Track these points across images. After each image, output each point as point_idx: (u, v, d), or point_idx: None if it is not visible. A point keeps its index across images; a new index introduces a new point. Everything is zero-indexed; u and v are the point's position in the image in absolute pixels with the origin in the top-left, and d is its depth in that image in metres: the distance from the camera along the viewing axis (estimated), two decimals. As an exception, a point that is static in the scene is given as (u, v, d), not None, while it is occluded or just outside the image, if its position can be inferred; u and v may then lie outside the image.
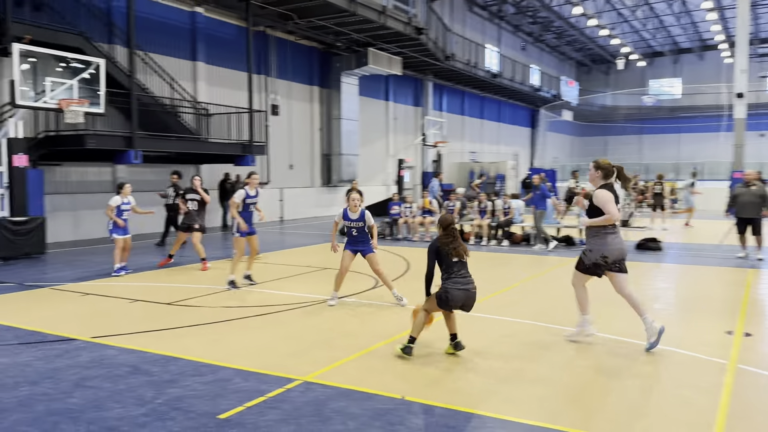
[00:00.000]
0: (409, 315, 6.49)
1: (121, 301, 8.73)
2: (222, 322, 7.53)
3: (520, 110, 46.77)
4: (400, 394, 5.02)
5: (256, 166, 20.62)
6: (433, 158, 33.59)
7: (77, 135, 14.67)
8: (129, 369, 5.70)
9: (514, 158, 39.44)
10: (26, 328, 7.21)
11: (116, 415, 4.63)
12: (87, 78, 13.38)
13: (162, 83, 18.56)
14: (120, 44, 17.71)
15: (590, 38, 48.83)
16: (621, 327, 7.08)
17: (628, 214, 16.33)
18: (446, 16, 33.69)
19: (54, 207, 15.99)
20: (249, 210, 9.83)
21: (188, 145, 17.70)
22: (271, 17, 21.51)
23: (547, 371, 5.65)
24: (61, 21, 15.92)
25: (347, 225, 8.43)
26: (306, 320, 7.63)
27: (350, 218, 8.38)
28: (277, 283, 10.23)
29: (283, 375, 5.49)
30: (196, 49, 20.20)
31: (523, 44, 45.55)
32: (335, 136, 26.27)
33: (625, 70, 53.78)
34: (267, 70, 23.21)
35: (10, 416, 4.60)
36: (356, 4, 20.95)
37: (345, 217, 8.42)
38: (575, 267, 6.60)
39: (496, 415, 4.63)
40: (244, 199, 9.65)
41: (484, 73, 35.60)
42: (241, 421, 4.50)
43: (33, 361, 5.93)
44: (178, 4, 19.74)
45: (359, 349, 6.31)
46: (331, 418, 4.54)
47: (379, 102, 30.24)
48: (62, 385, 5.28)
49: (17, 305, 8.53)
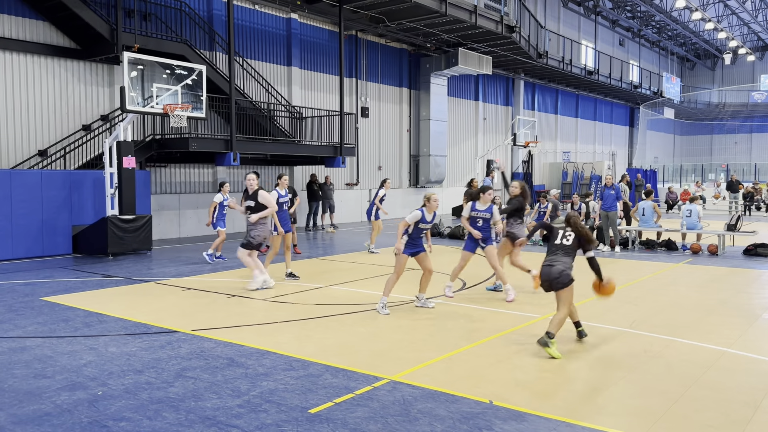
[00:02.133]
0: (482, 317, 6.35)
1: (219, 296, 9.12)
2: (312, 318, 7.71)
3: (618, 108, 44.93)
4: (488, 398, 4.94)
5: (346, 167, 20.98)
6: (523, 158, 32.90)
7: (181, 138, 15.50)
8: (226, 361, 5.94)
9: (611, 158, 37.97)
10: (133, 320, 7.68)
11: (213, 405, 4.84)
12: (190, 84, 14.06)
13: (259, 88, 19.30)
14: (220, 51, 18.56)
15: (694, 32, 46.21)
16: (727, 340, 6.64)
17: (735, 217, 15.30)
18: (539, 12, 32.93)
19: (160, 206, 17.00)
20: (283, 209, 10.55)
21: (283, 147, 18.28)
22: (362, 21, 21.82)
23: (646, 382, 5.38)
24: (166, 30, 16.90)
25: (422, 227, 8.17)
26: (392, 320, 7.67)
27: (426, 220, 8.13)
28: (364, 282, 10.36)
29: (371, 373, 5.54)
30: (291, 54, 20.81)
31: (621, 40, 43.74)
32: (423, 137, 26.28)
33: (732, 65, 50.53)
34: (358, 73, 23.57)
35: (116, 402, 4.91)
36: (447, 5, 20.87)
37: (423, 220, 8.09)
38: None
39: (589, 425, 4.45)
40: (278, 199, 10.40)
41: (580, 70, 34.48)
42: (330, 417, 4.58)
43: (138, 351, 6.30)
44: (274, 12, 20.43)
45: (446, 351, 6.26)
46: (418, 419, 4.53)
47: (468, 102, 29.97)
48: (164, 374, 5.58)
49: (125, 298, 9.11)
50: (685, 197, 28.54)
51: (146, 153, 15.64)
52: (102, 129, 15.82)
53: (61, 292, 9.43)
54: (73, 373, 5.60)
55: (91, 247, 13.55)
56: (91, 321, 7.59)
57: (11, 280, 10.45)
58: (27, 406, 4.82)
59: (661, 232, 15.15)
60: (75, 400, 4.93)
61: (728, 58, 48.64)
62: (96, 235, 13.39)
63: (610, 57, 38.46)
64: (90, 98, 15.98)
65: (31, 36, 14.77)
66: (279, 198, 10.49)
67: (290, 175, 21.18)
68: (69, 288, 9.76)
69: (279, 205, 10.36)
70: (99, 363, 5.89)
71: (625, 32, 44.12)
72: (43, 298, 8.93)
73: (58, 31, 15.26)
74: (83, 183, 14.00)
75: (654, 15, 41.83)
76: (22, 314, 7.94)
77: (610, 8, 40.21)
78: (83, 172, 14.22)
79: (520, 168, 32.82)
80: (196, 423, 4.48)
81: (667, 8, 40.40)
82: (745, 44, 47.79)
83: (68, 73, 15.52)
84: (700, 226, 14.54)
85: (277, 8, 20.36)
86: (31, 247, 13.17)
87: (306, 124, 19.76)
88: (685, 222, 14.70)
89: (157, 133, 16.19)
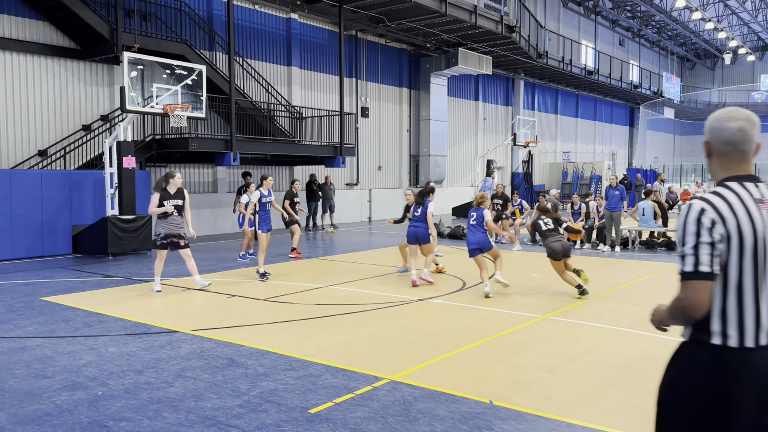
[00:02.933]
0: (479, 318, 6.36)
1: (219, 297, 9.12)
2: (312, 318, 7.71)
3: (617, 108, 44.95)
4: (488, 398, 4.94)
5: (346, 167, 20.99)
6: (523, 158, 32.90)
7: (181, 138, 15.51)
8: (226, 361, 5.94)
9: (611, 158, 37.97)
10: (133, 320, 7.68)
11: (213, 405, 4.84)
12: (190, 84, 14.06)
13: (258, 88, 19.30)
14: (220, 51, 18.56)
15: (694, 32, 46.21)
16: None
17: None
18: (539, 12, 32.94)
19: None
20: (266, 209, 10.91)
21: (283, 147, 18.28)
22: (362, 21, 21.83)
23: (646, 382, 5.38)
24: (166, 30, 16.90)
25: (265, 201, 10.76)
26: (391, 320, 7.67)
27: (265, 195, 10.76)
28: (363, 282, 10.36)
29: (371, 373, 5.54)
30: (291, 54, 20.82)
31: (621, 39, 43.74)
32: (423, 137, 26.29)
33: (732, 64, 50.55)
34: (358, 73, 23.57)
35: (116, 402, 4.91)
36: (447, 5, 20.88)
37: (263, 196, 10.80)
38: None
39: (590, 425, 4.45)
40: (260, 198, 10.80)
41: (580, 70, 34.49)
42: (330, 417, 4.58)
43: (138, 351, 6.30)
44: (274, 12, 20.44)
45: (445, 351, 6.26)
46: (418, 419, 4.53)
47: (468, 102, 29.98)
48: (164, 374, 5.58)
49: (125, 298, 9.11)
50: (685, 197, 28.53)
51: (146, 153, 15.64)
52: (102, 129, 15.82)
53: (61, 292, 9.43)
54: (73, 373, 5.61)
55: (91, 247, 13.55)
56: (91, 321, 7.59)
57: (11, 280, 10.46)
58: (27, 406, 4.82)
59: (662, 232, 15.14)
60: (75, 400, 4.93)
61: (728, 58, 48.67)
62: (96, 235, 13.39)
63: (610, 57, 38.48)
64: (90, 98, 15.98)
65: (31, 36, 14.77)
66: (261, 198, 10.81)
67: (290, 176, 21.20)
68: (69, 288, 9.76)
69: (262, 205, 10.81)
70: (99, 363, 5.89)
71: (625, 32, 44.14)
72: (43, 298, 8.93)
73: (58, 31, 15.26)
74: (83, 183, 14.00)
75: (654, 15, 41.85)
76: (22, 314, 7.94)
77: (610, 8, 40.21)
78: (83, 172, 14.23)
79: (520, 168, 32.82)
80: (196, 423, 4.48)
81: (667, 8, 40.41)
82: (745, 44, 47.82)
83: (68, 73, 15.52)
84: None
85: (276, 8, 20.37)
86: (31, 247, 13.17)
87: (306, 124, 19.77)
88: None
89: (157, 133, 16.19)
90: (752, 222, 2.25)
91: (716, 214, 2.25)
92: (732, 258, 2.25)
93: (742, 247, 2.24)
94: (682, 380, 2.32)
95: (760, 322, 2.25)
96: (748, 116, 2.37)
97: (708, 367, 2.26)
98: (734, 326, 2.25)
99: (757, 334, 2.25)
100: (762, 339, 2.25)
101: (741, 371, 2.22)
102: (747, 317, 2.25)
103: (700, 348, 2.31)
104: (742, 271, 2.25)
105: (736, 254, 2.25)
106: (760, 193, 2.32)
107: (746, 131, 2.34)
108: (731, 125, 2.35)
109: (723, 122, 2.37)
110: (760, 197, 2.31)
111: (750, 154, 2.37)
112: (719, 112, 2.42)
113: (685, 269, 2.28)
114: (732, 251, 2.25)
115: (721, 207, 2.26)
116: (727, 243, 2.24)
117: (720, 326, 2.26)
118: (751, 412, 2.20)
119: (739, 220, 2.25)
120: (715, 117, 2.42)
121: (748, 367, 2.22)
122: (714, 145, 2.41)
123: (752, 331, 2.25)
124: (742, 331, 2.24)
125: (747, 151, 2.36)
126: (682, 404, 2.30)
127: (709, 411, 2.23)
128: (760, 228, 2.25)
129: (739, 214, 2.26)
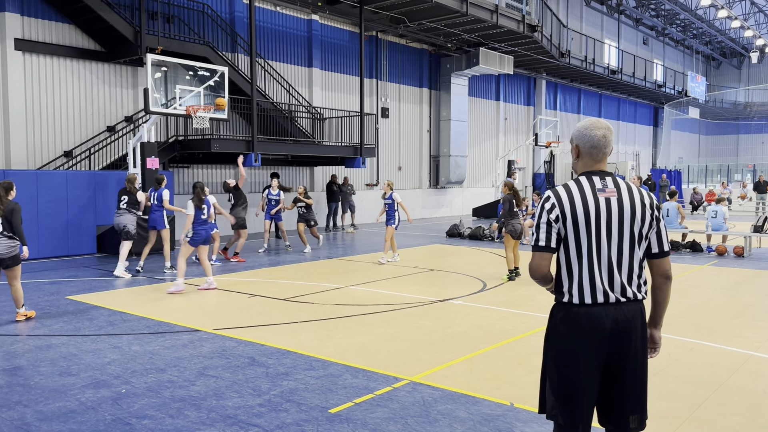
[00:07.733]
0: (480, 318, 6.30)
1: (241, 296, 9.19)
2: (332, 319, 7.73)
3: (641, 108, 44.39)
4: (508, 401, 4.90)
5: (366, 167, 21.01)
6: (545, 159, 32.66)
7: (204, 139, 15.65)
8: (247, 360, 5.98)
9: (634, 158, 37.53)
10: (156, 318, 7.77)
11: (234, 404, 4.87)
12: (212, 85, 14.18)
13: (280, 89, 19.41)
14: (242, 53, 18.70)
15: (720, 30, 45.47)
16: (753, 344, 6.52)
17: (762, 219, 15.03)
18: (561, 11, 32.67)
19: (182, 206, 17.12)
20: (272, 205, 13.91)
21: (303, 148, 18.36)
22: (382, 22, 21.83)
23: (670, 385, 5.31)
24: (189, 32, 17.07)
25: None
26: (411, 321, 7.66)
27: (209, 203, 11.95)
28: (383, 282, 10.36)
29: (391, 374, 5.54)
30: (312, 55, 20.90)
31: (645, 38, 43.20)
32: (444, 137, 26.21)
33: (759, 63, 49.63)
34: (378, 73, 23.58)
35: (139, 400, 4.97)
36: (468, 5, 20.79)
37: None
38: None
39: (611, 427, 4.39)
40: (267, 196, 13.80)
41: (603, 69, 34.13)
42: (350, 417, 4.58)
43: (161, 350, 6.37)
44: (295, 13, 20.53)
45: (466, 352, 6.24)
46: (438, 420, 4.52)
47: (489, 102, 29.84)
48: (186, 373, 5.64)
49: (148, 297, 9.22)
50: (710, 198, 28.09)
51: (169, 154, 15.80)
52: (126, 130, 16.04)
53: (86, 291, 9.58)
54: (97, 371, 5.69)
55: (115, 247, 13.68)
56: (114, 320, 7.69)
57: (37, 279, 10.64)
58: (52, 403, 4.90)
59: (686, 233, 14.93)
60: (99, 398, 5.00)
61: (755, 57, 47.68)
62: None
63: (633, 56, 38.01)
64: (114, 100, 16.21)
65: (57, 39, 15.02)
66: (269, 195, 13.71)
67: (310, 176, 21.28)
68: (93, 287, 9.91)
69: (268, 201, 13.80)
70: (122, 361, 5.97)
71: (649, 31, 43.58)
72: (68, 297, 9.08)
73: (84, 33, 15.49)
74: (107, 183, 14.19)
75: (678, 13, 41.26)
76: (47, 312, 8.08)
77: (634, 7, 39.73)
78: (107, 173, 14.42)
79: (541, 168, 32.58)
80: (217, 421, 4.51)
81: (692, 6, 39.84)
82: (772, 42, 46.92)
83: (93, 75, 15.75)
84: (725, 227, 14.30)
85: (298, 10, 20.46)
86: (57, 247, 13.39)
87: (326, 124, 19.83)
88: (710, 223, 14.47)
89: (180, 134, 16.36)
90: (585, 205, 2.85)
91: (556, 200, 2.88)
92: (569, 233, 2.86)
93: (577, 225, 2.84)
94: (548, 331, 3.01)
95: (594, 284, 2.84)
96: (608, 126, 2.97)
97: (560, 319, 2.92)
98: (576, 287, 2.87)
99: (593, 293, 2.85)
100: (599, 297, 2.84)
101: (582, 322, 2.84)
102: (584, 280, 2.85)
103: (557, 305, 2.97)
104: (579, 244, 2.85)
105: (571, 230, 2.85)
106: (603, 183, 2.91)
107: (608, 138, 2.95)
108: (597, 133, 2.94)
109: (591, 130, 2.95)
110: (601, 187, 2.90)
111: (607, 155, 2.99)
112: (586, 122, 2.99)
113: (532, 243, 2.96)
114: (568, 228, 2.86)
115: (562, 195, 2.89)
116: (564, 222, 2.86)
117: (567, 287, 2.90)
118: (592, 352, 2.84)
119: (575, 204, 2.85)
120: (584, 126, 2.98)
121: (589, 318, 2.84)
122: (582, 149, 2.98)
123: (589, 291, 2.85)
124: (582, 291, 2.85)
125: (606, 153, 2.99)
126: (550, 348, 3.00)
127: (567, 352, 2.89)
128: (592, 210, 2.84)
129: (576, 199, 2.86)
